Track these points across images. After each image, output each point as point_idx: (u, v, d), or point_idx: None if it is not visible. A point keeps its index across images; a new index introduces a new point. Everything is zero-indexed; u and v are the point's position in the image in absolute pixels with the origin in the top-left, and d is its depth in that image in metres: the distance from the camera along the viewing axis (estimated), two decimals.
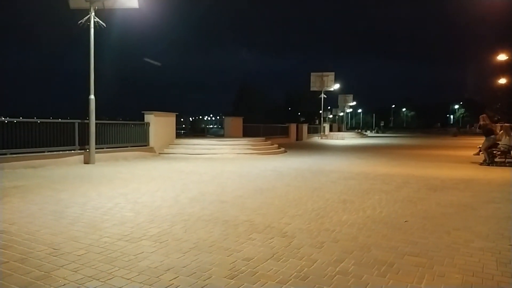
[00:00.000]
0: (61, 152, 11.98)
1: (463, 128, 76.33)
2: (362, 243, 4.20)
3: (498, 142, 12.48)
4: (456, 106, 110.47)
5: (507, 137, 12.33)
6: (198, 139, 18.90)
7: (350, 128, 78.16)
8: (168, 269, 3.40)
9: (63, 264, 3.50)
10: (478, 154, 13.63)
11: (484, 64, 48.67)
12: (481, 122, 13.06)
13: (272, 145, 19.13)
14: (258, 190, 7.55)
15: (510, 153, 12.25)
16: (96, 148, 12.51)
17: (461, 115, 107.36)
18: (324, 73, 38.61)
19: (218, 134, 30.24)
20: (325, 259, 3.69)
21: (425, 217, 5.41)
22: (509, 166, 11.84)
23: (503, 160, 12.37)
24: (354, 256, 3.78)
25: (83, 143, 12.50)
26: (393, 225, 4.96)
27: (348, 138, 38.40)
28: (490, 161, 12.27)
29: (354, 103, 71.61)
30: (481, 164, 12.40)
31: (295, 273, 3.34)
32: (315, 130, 39.79)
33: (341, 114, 71.31)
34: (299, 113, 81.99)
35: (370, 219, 5.30)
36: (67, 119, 12.99)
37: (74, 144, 12.37)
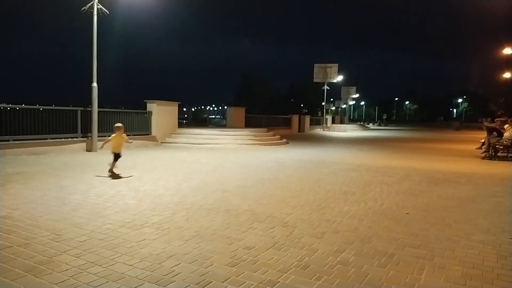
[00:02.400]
0: (63, 139, 12.01)
1: (466, 122, 75.99)
2: (362, 234, 4.21)
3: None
4: (460, 100, 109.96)
5: (509, 132, 12.28)
6: (200, 129, 18.90)
7: (352, 121, 77.93)
8: (170, 256, 3.42)
9: (65, 250, 3.53)
10: (480, 148, 13.59)
11: (490, 58, 48.33)
12: (496, 126, 13.25)
13: (274, 136, 19.11)
14: (260, 181, 7.57)
15: None
16: (98, 136, 12.52)
17: (465, 109, 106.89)
18: (328, 65, 38.43)
19: (220, 124, 30.22)
20: (326, 249, 3.71)
21: (426, 210, 5.42)
22: (511, 160, 11.80)
23: (506, 154, 12.33)
24: (355, 247, 3.80)
25: (86, 131, 12.51)
26: (394, 217, 4.97)
27: (350, 131, 38.31)
28: (491, 155, 12.24)
29: (357, 95, 71.36)
30: (483, 158, 12.37)
31: (296, 263, 3.36)
32: (317, 122, 39.71)
33: (344, 106, 71.13)
34: (301, 105, 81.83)
35: (371, 210, 5.31)
36: (70, 106, 12.98)
37: (76, 132, 12.40)
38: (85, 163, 9.50)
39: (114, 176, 7.50)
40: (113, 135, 8.09)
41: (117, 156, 7.84)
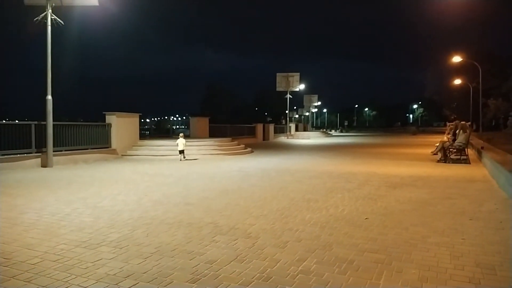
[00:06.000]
0: (17, 155, 11.42)
1: (422, 127, 79.58)
2: (324, 242, 4.26)
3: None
4: (415, 106, 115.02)
5: (463, 135, 12.95)
6: (162, 140, 18.56)
7: (315, 128, 79.45)
8: (128, 276, 3.30)
9: (14, 274, 3.32)
10: (436, 153, 14.18)
11: (442, 65, 50.95)
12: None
13: (238, 145, 19.11)
14: (223, 191, 7.51)
15: (464, 150, 12.86)
16: (54, 151, 12.02)
17: (420, 114, 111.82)
18: (290, 74, 39.06)
19: (184, 134, 29.84)
20: (288, 259, 3.72)
21: (385, 214, 5.57)
22: (464, 163, 12.42)
23: (458, 157, 12.96)
24: (316, 255, 3.83)
25: (40, 146, 11.96)
26: (354, 223, 5.08)
27: (313, 138, 39.00)
28: (445, 158, 12.84)
29: (319, 103, 72.95)
30: (438, 161, 12.94)
31: (258, 274, 3.34)
32: (281, 130, 40.16)
33: (307, 114, 72.37)
34: (266, 113, 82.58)
35: (332, 217, 5.39)
36: (25, 120, 12.39)
37: (30, 147, 11.82)
38: (39, 180, 9.06)
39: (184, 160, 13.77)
40: (180, 139, 14.10)
41: (181, 152, 13.96)
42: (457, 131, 13.42)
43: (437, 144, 14.30)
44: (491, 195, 7.05)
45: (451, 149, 13.05)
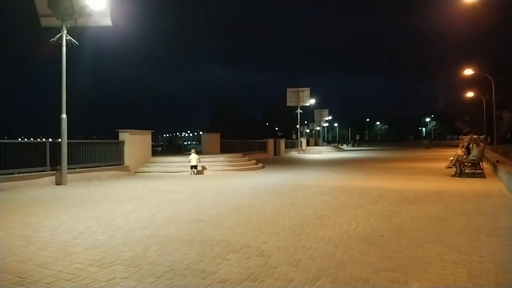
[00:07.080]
0: (33, 173, 11.60)
1: (435, 140, 78.61)
2: (338, 260, 4.20)
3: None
4: (428, 119, 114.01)
5: (477, 149, 12.76)
6: (175, 156, 18.68)
7: (327, 142, 79.15)
8: None
9: None
10: (450, 166, 13.97)
11: (454, 78, 50.68)
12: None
13: (250, 161, 19.12)
14: (235, 208, 7.49)
15: (479, 164, 12.65)
16: (68, 169, 12.18)
17: (433, 128, 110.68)
18: (300, 89, 39.23)
19: (196, 150, 30.01)
20: (302, 278, 3.67)
21: (400, 231, 5.48)
22: (479, 177, 12.20)
23: (473, 171, 12.74)
24: (330, 274, 3.78)
25: (55, 164, 12.14)
26: (368, 240, 5.00)
27: (325, 152, 38.82)
28: (460, 173, 12.63)
29: (330, 117, 72.81)
30: (453, 176, 12.73)
31: None
32: (292, 144, 40.10)
33: (318, 128, 72.27)
34: (276, 128, 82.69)
35: (346, 234, 5.32)
36: (40, 138, 12.64)
37: (45, 165, 12.00)
38: (53, 198, 9.17)
39: (199, 172, 15.09)
40: (192, 154, 15.08)
41: (194, 167, 14.87)
42: (470, 145, 13.23)
43: (451, 158, 14.11)
44: (508, 211, 6.89)
45: (465, 163, 12.84)
